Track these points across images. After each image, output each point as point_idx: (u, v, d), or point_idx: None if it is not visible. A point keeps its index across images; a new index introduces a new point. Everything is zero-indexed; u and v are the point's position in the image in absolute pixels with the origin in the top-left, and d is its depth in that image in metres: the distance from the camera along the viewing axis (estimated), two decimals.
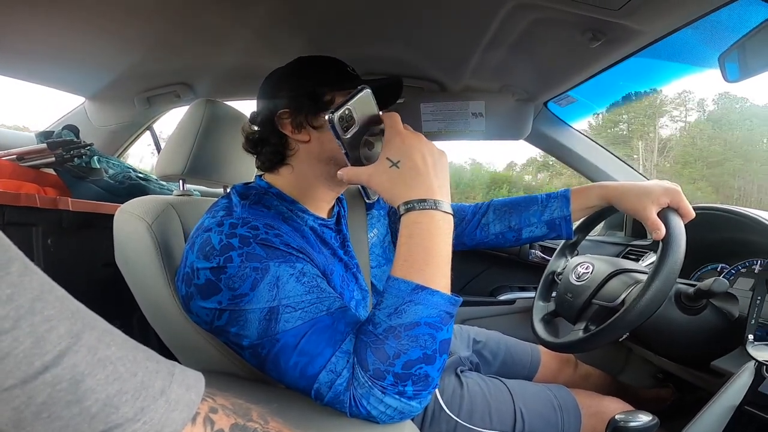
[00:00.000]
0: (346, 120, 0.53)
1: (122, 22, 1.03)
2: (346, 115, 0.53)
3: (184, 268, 0.58)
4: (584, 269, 0.92)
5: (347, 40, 1.10)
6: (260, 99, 0.69)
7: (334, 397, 0.49)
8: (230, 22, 1.02)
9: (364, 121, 0.55)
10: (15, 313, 0.22)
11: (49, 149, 1.14)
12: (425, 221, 0.51)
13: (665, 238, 0.70)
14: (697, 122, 41.32)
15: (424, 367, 0.48)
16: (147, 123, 1.67)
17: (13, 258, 0.23)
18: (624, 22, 0.81)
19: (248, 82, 1.29)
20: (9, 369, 0.21)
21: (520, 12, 0.85)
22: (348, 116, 0.53)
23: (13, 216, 0.77)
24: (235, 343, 0.54)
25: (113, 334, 0.27)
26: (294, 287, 0.52)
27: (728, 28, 0.83)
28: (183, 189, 0.89)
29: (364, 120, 0.55)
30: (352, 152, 0.55)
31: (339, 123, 0.52)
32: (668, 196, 0.73)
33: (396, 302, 0.49)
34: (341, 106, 0.52)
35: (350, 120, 0.53)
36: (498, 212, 0.90)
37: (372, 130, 0.57)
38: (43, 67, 1.27)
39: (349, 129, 0.53)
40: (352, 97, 0.54)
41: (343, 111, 0.52)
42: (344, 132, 0.53)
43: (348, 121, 0.53)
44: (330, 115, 0.52)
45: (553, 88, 1.24)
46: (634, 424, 0.56)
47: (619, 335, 0.73)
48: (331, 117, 0.51)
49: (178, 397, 0.28)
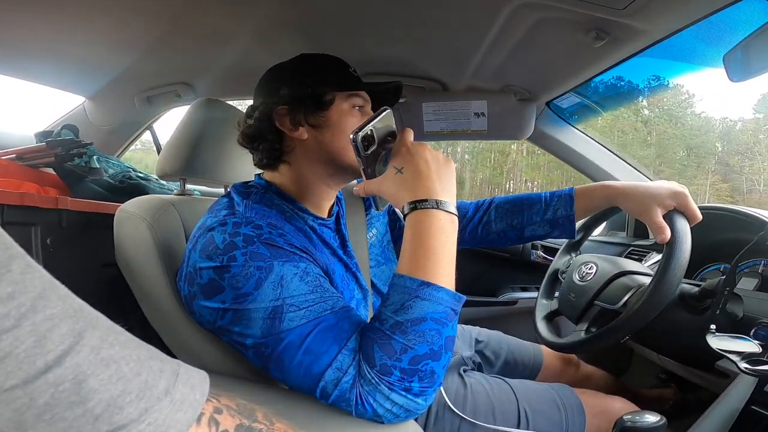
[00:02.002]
0: (367, 140, 0.56)
1: (122, 22, 1.02)
2: (368, 135, 0.56)
3: (186, 267, 0.58)
4: (588, 269, 0.92)
5: (348, 40, 1.09)
6: (259, 94, 0.69)
7: (340, 395, 0.49)
8: (230, 22, 1.02)
9: (383, 138, 0.58)
10: (16, 311, 0.21)
11: (49, 148, 1.13)
12: (428, 220, 0.53)
13: (670, 242, 0.69)
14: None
15: (430, 363, 0.49)
16: (147, 122, 1.67)
17: (14, 256, 0.22)
18: (628, 22, 0.81)
19: (248, 82, 1.27)
20: (10, 369, 0.21)
21: (523, 11, 0.85)
22: (370, 136, 0.56)
23: (13, 215, 0.76)
24: (238, 343, 0.54)
25: (117, 332, 0.27)
26: (298, 286, 0.52)
27: (733, 27, 0.82)
28: (183, 188, 0.88)
29: (383, 137, 0.58)
30: (369, 167, 0.58)
31: (362, 142, 0.55)
32: (674, 199, 0.72)
33: (402, 298, 0.50)
34: (364, 126, 0.55)
35: (371, 139, 0.57)
36: (500, 210, 0.90)
37: (388, 146, 0.60)
38: (43, 66, 1.27)
39: (369, 147, 0.57)
40: (375, 117, 0.57)
41: (366, 131, 0.55)
42: (365, 150, 0.56)
43: (369, 141, 0.56)
44: (354, 135, 0.55)
45: (556, 88, 1.23)
46: (642, 424, 0.55)
47: (621, 338, 0.73)
48: (355, 137, 0.55)
49: (182, 397, 0.27)
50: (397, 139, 0.58)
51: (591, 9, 0.79)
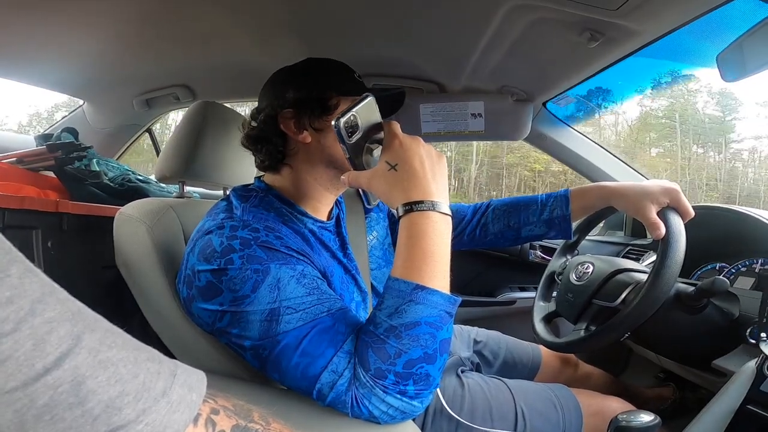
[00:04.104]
0: (351, 126, 0.55)
1: (121, 25, 1.03)
2: (351, 121, 0.55)
3: (185, 270, 0.58)
4: (584, 269, 0.92)
5: (346, 42, 1.10)
6: (264, 96, 0.69)
7: (335, 397, 0.49)
8: (229, 25, 1.03)
9: (368, 128, 0.57)
10: (15, 315, 0.22)
11: (49, 152, 1.14)
12: (423, 222, 0.52)
13: (665, 238, 0.70)
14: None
15: (425, 366, 0.49)
16: (146, 125, 1.68)
17: (13, 260, 0.23)
18: (622, 22, 0.81)
19: (247, 84, 1.29)
20: (10, 372, 0.21)
21: (518, 12, 0.86)
22: (353, 122, 0.55)
23: (13, 219, 0.76)
24: (236, 345, 0.54)
25: (115, 334, 0.27)
26: (295, 289, 0.52)
27: (726, 27, 0.83)
28: (182, 191, 0.89)
29: (368, 127, 0.57)
30: (355, 158, 0.57)
31: (344, 128, 0.54)
32: (667, 195, 0.73)
33: (396, 302, 0.50)
34: (346, 112, 0.54)
35: (355, 126, 0.55)
36: (497, 212, 0.90)
37: (374, 138, 0.58)
38: (42, 69, 1.27)
39: (353, 135, 0.55)
40: (357, 104, 0.55)
41: (349, 117, 0.54)
42: (349, 137, 0.55)
43: (353, 127, 0.55)
44: (336, 121, 0.53)
45: (552, 89, 1.24)
46: (636, 423, 0.55)
47: (621, 335, 0.73)
48: (337, 123, 0.53)
49: (179, 398, 0.28)
50: (388, 132, 0.56)
51: (584, 10, 0.79)
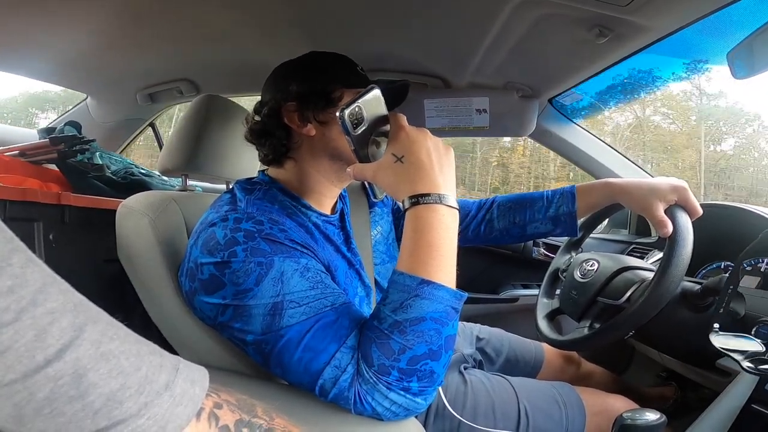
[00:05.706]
0: (356, 117, 0.54)
1: (124, 19, 1.02)
2: (356, 113, 0.54)
3: (187, 263, 0.58)
4: (589, 266, 0.92)
5: (351, 37, 1.09)
6: (267, 90, 0.69)
7: (338, 393, 0.49)
8: (233, 19, 1.02)
9: (373, 119, 0.56)
10: (16, 305, 0.21)
11: (52, 145, 1.13)
12: (430, 215, 0.51)
13: (672, 236, 0.69)
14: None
15: (429, 363, 0.48)
16: (149, 119, 1.68)
17: (15, 249, 0.22)
18: (632, 19, 0.80)
19: (250, 78, 1.29)
20: (10, 363, 0.21)
21: (526, 8, 0.84)
22: (358, 113, 0.54)
23: (15, 211, 0.76)
24: (239, 339, 0.54)
25: (116, 327, 0.27)
26: (298, 282, 0.52)
27: (737, 25, 0.82)
28: (185, 184, 0.88)
29: (373, 119, 0.56)
30: (360, 150, 0.56)
31: (349, 120, 0.53)
32: (675, 193, 0.72)
33: (401, 297, 0.49)
34: (352, 103, 0.53)
35: (360, 117, 0.54)
36: (502, 208, 0.90)
37: (379, 130, 0.58)
38: (47, 64, 1.27)
39: (358, 126, 0.54)
40: (362, 96, 0.55)
41: (354, 108, 0.53)
42: (354, 129, 0.54)
43: (358, 119, 0.54)
44: (341, 112, 0.53)
45: (558, 85, 1.23)
46: (642, 422, 0.55)
47: (625, 333, 0.73)
48: (341, 114, 0.53)
49: (182, 392, 0.28)
50: (394, 124, 0.56)
51: (594, 6, 0.78)
